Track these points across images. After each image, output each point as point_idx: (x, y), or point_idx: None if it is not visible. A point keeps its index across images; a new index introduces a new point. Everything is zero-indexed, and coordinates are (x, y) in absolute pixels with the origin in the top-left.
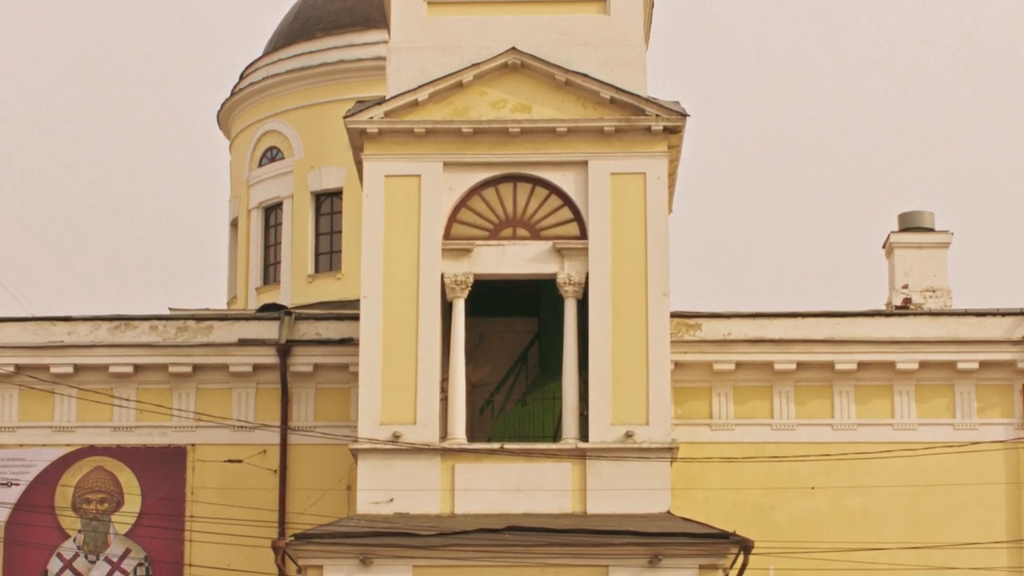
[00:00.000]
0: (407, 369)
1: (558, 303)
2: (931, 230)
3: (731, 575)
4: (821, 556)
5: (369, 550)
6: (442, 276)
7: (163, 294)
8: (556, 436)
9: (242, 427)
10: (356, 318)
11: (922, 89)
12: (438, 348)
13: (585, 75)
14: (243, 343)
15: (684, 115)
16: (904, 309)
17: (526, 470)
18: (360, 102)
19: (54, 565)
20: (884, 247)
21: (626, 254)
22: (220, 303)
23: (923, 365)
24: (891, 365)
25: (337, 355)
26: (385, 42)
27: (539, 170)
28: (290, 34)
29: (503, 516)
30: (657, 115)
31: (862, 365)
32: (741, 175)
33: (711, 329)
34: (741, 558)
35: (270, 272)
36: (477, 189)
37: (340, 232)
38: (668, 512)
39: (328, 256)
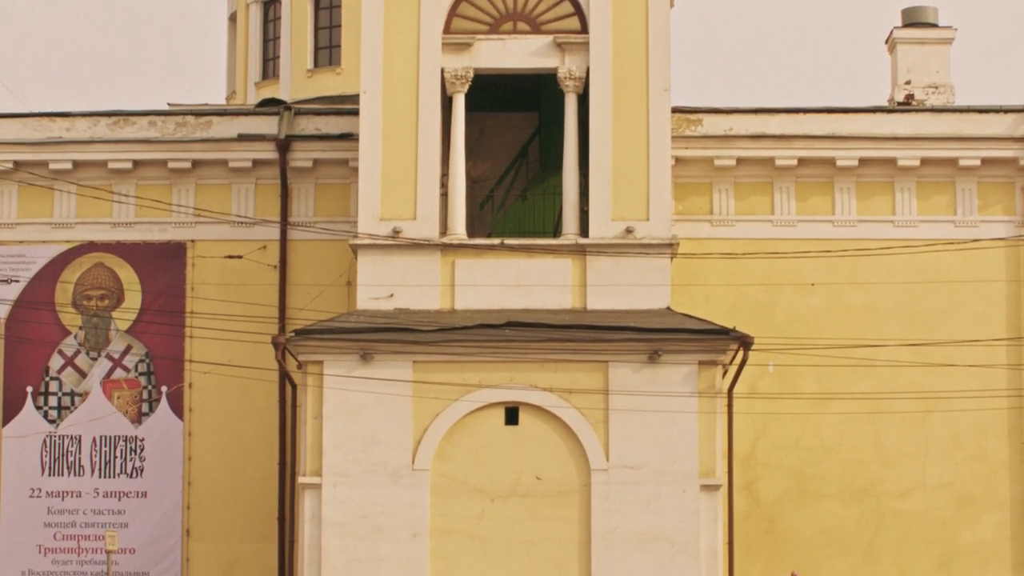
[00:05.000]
0: (407, 164)
1: (558, 98)
2: (934, 25)
3: (730, 371)
4: (820, 352)
5: (369, 345)
6: (442, 71)
7: (162, 89)
8: (556, 231)
9: (242, 223)
10: (356, 113)
11: None
12: (438, 143)
13: None
14: (242, 138)
15: None
16: (906, 105)
17: (526, 266)
18: None
19: (55, 361)
20: (887, 42)
21: (627, 48)
22: (219, 98)
23: (924, 162)
24: (892, 161)
25: (337, 150)
26: None
27: None
28: None
29: (503, 312)
30: None
31: (863, 161)
32: None
33: (712, 124)
34: (741, 354)
35: (269, 67)
36: None
37: (340, 26)
38: (668, 308)
39: (327, 51)
